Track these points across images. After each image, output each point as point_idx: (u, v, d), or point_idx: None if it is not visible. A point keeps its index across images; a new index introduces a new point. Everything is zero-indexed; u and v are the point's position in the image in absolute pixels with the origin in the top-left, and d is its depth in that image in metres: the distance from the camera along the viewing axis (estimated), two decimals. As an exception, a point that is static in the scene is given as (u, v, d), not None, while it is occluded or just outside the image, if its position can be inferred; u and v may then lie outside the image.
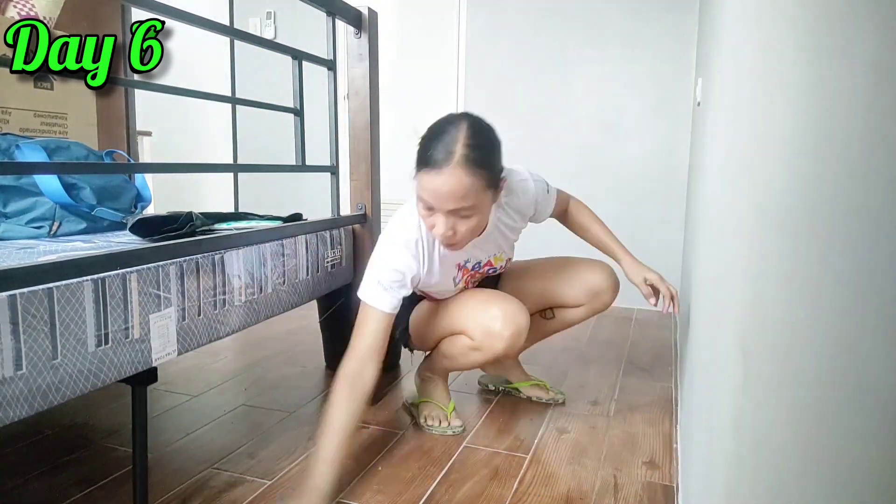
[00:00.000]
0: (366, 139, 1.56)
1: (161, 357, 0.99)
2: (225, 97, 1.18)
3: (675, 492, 1.21)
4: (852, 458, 0.27)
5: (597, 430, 1.50)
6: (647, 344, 2.25)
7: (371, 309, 1.25)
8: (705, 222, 1.26)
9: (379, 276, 1.27)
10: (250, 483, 1.22)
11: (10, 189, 1.41)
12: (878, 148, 0.26)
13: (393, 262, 1.28)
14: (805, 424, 0.35)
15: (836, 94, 0.33)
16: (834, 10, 0.35)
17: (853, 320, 0.28)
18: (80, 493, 1.18)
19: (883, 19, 0.26)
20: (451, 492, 1.20)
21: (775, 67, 0.52)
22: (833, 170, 0.33)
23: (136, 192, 1.66)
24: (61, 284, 0.82)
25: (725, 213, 0.83)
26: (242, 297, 1.18)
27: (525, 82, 2.92)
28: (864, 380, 0.26)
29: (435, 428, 1.47)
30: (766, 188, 0.52)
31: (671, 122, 2.72)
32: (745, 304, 0.58)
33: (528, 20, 2.87)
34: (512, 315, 1.35)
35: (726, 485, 0.59)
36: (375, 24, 1.55)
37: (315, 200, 3.41)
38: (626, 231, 2.87)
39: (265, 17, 3.37)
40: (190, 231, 1.22)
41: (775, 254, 0.46)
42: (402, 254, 1.28)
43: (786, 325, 0.41)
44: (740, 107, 0.75)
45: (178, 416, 1.55)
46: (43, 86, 1.74)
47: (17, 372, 0.76)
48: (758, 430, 0.47)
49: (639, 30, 2.72)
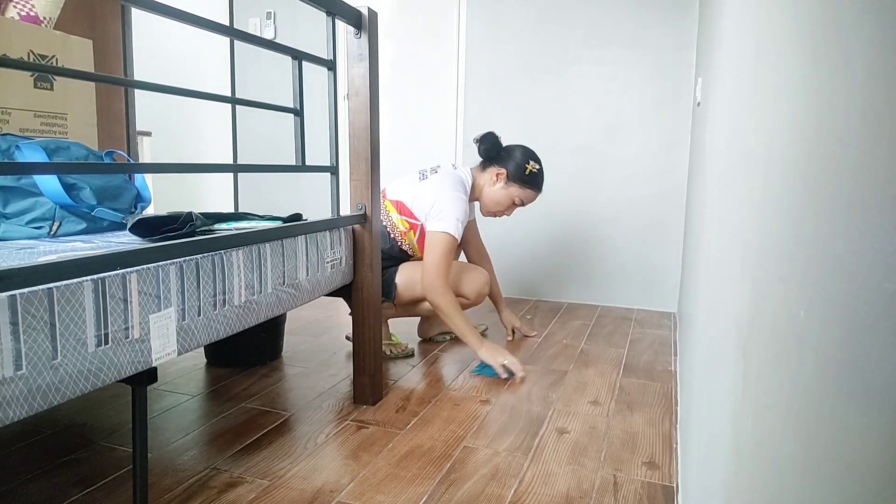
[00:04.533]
0: (366, 139, 1.56)
1: (161, 357, 0.99)
2: (225, 97, 1.18)
3: (675, 492, 1.21)
4: (852, 458, 0.27)
5: (597, 430, 1.50)
6: (647, 343, 2.25)
7: (452, 238, 1.88)
8: (705, 222, 1.26)
9: (458, 215, 1.90)
10: (250, 483, 1.23)
11: (10, 189, 1.42)
12: (877, 147, 0.26)
13: (464, 206, 1.94)
14: (805, 424, 0.35)
15: (835, 93, 0.33)
16: (833, 10, 0.35)
17: (853, 320, 0.28)
18: (80, 493, 1.18)
19: (883, 19, 0.26)
20: (451, 492, 1.20)
21: (775, 67, 0.52)
22: (833, 169, 0.33)
23: (135, 193, 1.66)
24: (61, 284, 0.82)
25: (725, 213, 0.83)
26: (242, 297, 1.18)
27: (525, 82, 2.92)
28: (864, 379, 0.26)
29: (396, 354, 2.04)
30: (765, 188, 0.52)
31: (671, 122, 2.72)
32: (745, 304, 0.58)
33: (528, 20, 2.87)
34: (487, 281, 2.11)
35: (726, 485, 0.60)
36: (375, 24, 1.55)
37: (315, 200, 3.42)
38: (625, 231, 2.88)
39: (265, 17, 3.37)
40: (190, 231, 1.22)
41: (775, 253, 0.46)
42: (466, 203, 1.97)
43: (786, 325, 0.41)
44: (740, 107, 0.75)
45: (178, 416, 1.55)
46: (43, 86, 1.74)
47: (17, 372, 0.76)
48: (758, 429, 0.47)
49: (639, 30, 2.72)
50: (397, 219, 2.00)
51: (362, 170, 1.57)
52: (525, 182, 2.04)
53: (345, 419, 1.54)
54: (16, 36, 1.67)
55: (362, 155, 1.57)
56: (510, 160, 2.05)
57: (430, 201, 1.94)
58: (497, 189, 2.05)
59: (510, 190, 2.05)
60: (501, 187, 2.05)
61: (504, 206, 2.08)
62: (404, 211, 1.99)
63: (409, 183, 2.03)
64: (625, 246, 2.83)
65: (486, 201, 2.09)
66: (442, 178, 1.98)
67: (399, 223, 2.00)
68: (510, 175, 2.04)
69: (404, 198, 2.00)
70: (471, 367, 1.93)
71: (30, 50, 1.71)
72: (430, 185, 1.97)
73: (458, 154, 3.08)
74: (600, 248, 2.87)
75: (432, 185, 1.97)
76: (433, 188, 1.96)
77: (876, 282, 0.25)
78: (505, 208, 2.10)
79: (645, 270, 2.82)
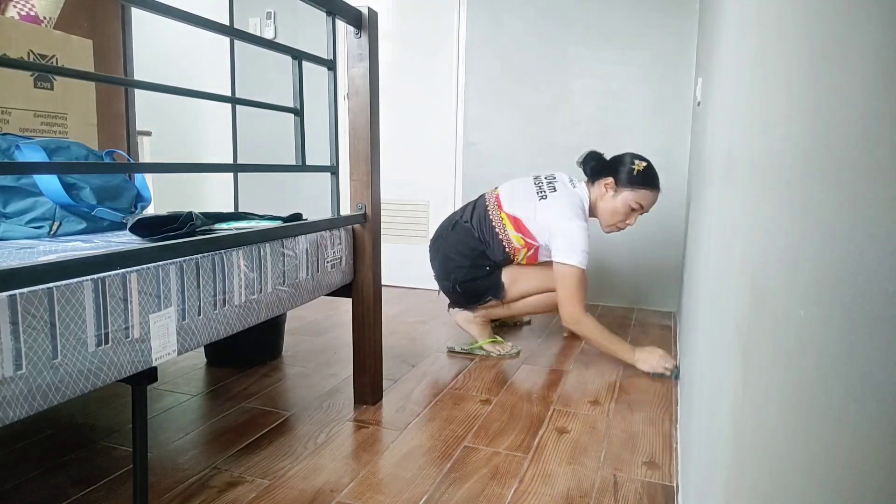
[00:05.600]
0: (366, 139, 1.56)
1: (161, 357, 0.99)
2: (225, 97, 1.18)
3: (675, 492, 1.21)
4: (852, 458, 0.27)
5: (597, 430, 1.50)
6: (647, 343, 2.25)
7: (583, 271, 1.94)
8: (705, 222, 1.26)
9: (585, 247, 1.94)
10: (250, 483, 1.23)
11: (10, 189, 1.42)
12: (877, 147, 0.26)
13: (587, 235, 1.96)
14: (805, 424, 0.35)
15: (835, 93, 0.33)
16: (833, 9, 0.35)
17: (853, 320, 0.28)
18: (80, 493, 1.18)
19: (883, 19, 0.26)
20: (451, 492, 1.20)
21: (775, 67, 0.52)
22: (833, 169, 0.33)
23: (136, 192, 1.66)
24: (61, 284, 0.82)
25: (725, 213, 0.83)
26: (242, 297, 1.18)
27: (525, 82, 2.92)
28: (864, 379, 0.26)
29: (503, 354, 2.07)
30: (765, 188, 0.52)
31: (671, 122, 2.72)
32: (745, 304, 0.58)
33: (528, 20, 2.87)
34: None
35: (726, 485, 0.60)
36: (375, 24, 1.55)
37: (315, 200, 3.42)
38: (625, 232, 2.88)
39: (265, 17, 3.37)
40: (190, 231, 1.22)
41: (775, 253, 0.46)
42: (588, 230, 1.98)
43: (786, 325, 0.41)
44: (740, 106, 0.75)
45: (178, 416, 1.55)
46: (43, 86, 1.74)
47: (17, 372, 0.76)
48: (758, 430, 0.47)
49: (639, 30, 2.72)
50: (513, 235, 2.04)
51: (362, 170, 1.57)
52: (636, 183, 1.99)
53: (345, 419, 1.54)
54: (16, 36, 1.67)
55: (362, 155, 1.57)
56: (616, 166, 2.03)
57: (550, 226, 1.98)
58: (609, 199, 2.03)
59: (623, 196, 2.01)
60: (612, 196, 2.02)
61: (622, 214, 2.03)
62: (521, 229, 2.03)
63: (525, 197, 2.04)
64: (625, 245, 2.83)
65: (604, 215, 2.06)
66: (563, 203, 1.98)
67: (515, 239, 2.04)
68: (618, 181, 2.01)
69: (522, 215, 2.02)
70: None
71: (30, 50, 1.71)
72: (552, 209, 1.98)
73: (458, 154, 3.08)
74: (600, 247, 2.87)
75: (554, 209, 1.98)
76: (555, 214, 1.97)
77: (876, 282, 0.25)
78: (624, 217, 2.04)
79: (645, 270, 2.82)
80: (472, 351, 2.11)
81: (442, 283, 2.16)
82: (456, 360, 2.03)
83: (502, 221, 2.05)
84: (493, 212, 2.08)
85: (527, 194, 2.05)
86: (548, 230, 1.98)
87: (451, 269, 2.10)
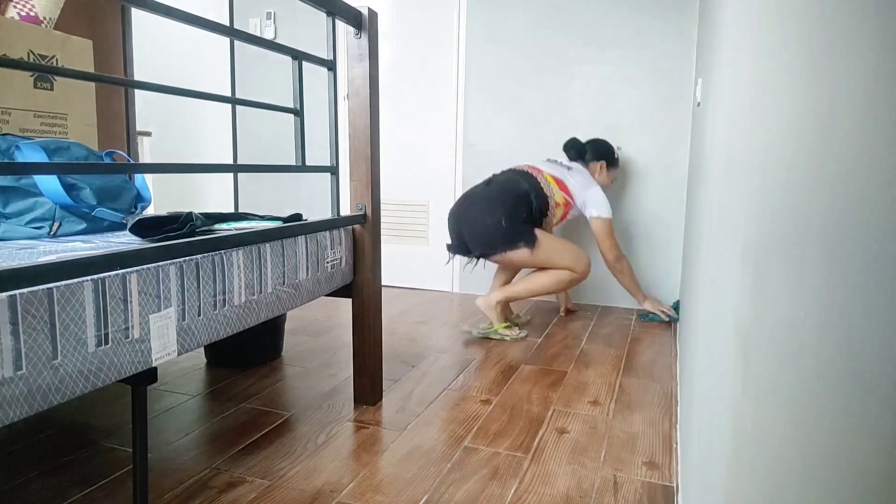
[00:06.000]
0: (366, 139, 1.55)
1: (161, 357, 0.99)
2: (225, 97, 1.18)
3: (675, 492, 1.21)
4: (852, 458, 0.27)
5: (597, 430, 1.50)
6: (647, 343, 2.25)
7: (611, 220, 2.40)
8: (705, 222, 1.26)
9: (608, 203, 2.40)
10: (250, 483, 1.23)
11: (10, 189, 1.42)
12: (877, 147, 0.26)
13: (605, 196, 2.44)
14: (805, 424, 0.35)
15: (835, 93, 0.33)
16: (833, 10, 0.35)
17: (853, 320, 0.28)
18: (80, 493, 1.18)
19: (883, 19, 0.26)
20: (451, 492, 1.20)
21: (775, 67, 0.52)
22: (833, 169, 0.33)
23: (136, 193, 1.66)
24: (61, 284, 0.82)
25: (725, 213, 0.83)
26: (242, 297, 1.18)
27: (525, 82, 2.92)
28: (864, 380, 0.26)
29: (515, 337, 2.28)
30: (765, 188, 0.52)
31: (671, 122, 2.72)
32: (745, 304, 0.58)
33: (528, 20, 2.87)
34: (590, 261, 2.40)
35: (726, 485, 0.60)
36: (375, 24, 1.55)
37: (315, 201, 3.42)
38: (625, 231, 2.88)
39: (265, 17, 3.37)
40: (190, 231, 1.22)
41: (775, 254, 0.46)
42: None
43: (786, 325, 0.41)
44: (740, 107, 0.75)
45: (178, 416, 1.55)
46: (43, 86, 1.74)
47: (17, 372, 0.76)
48: (758, 430, 0.47)
49: (639, 30, 2.72)
50: (556, 192, 2.38)
51: (362, 170, 1.57)
52: (615, 164, 2.57)
53: (345, 419, 1.54)
54: (16, 36, 1.67)
55: (362, 155, 1.57)
56: (603, 150, 2.52)
57: (580, 192, 2.40)
58: (602, 178, 2.53)
59: (610, 174, 2.56)
60: (604, 175, 2.53)
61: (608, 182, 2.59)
62: (563, 187, 2.39)
63: (555, 168, 2.44)
64: (625, 246, 2.82)
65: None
66: (584, 174, 2.45)
67: (556, 196, 2.38)
68: (610, 163, 2.53)
69: (561, 177, 2.41)
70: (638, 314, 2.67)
71: (30, 50, 1.71)
72: (579, 179, 2.42)
73: (458, 154, 3.08)
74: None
75: (580, 178, 2.42)
76: (583, 181, 2.42)
77: (876, 282, 0.25)
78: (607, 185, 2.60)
79: (645, 270, 2.82)
80: (489, 335, 2.30)
81: (480, 226, 2.28)
82: (456, 360, 2.03)
83: (546, 180, 2.37)
84: (534, 172, 2.39)
85: (554, 166, 2.44)
86: (579, 196, 2.40)
87: (495, 206, 2.28)
